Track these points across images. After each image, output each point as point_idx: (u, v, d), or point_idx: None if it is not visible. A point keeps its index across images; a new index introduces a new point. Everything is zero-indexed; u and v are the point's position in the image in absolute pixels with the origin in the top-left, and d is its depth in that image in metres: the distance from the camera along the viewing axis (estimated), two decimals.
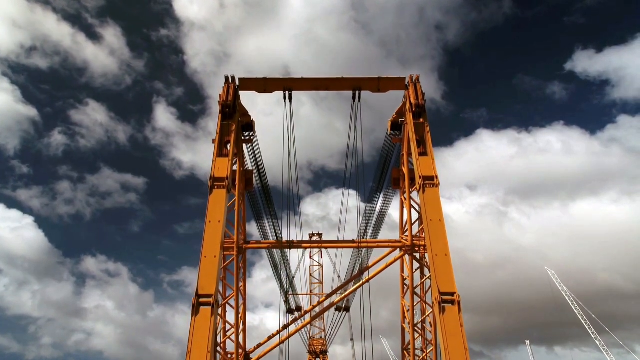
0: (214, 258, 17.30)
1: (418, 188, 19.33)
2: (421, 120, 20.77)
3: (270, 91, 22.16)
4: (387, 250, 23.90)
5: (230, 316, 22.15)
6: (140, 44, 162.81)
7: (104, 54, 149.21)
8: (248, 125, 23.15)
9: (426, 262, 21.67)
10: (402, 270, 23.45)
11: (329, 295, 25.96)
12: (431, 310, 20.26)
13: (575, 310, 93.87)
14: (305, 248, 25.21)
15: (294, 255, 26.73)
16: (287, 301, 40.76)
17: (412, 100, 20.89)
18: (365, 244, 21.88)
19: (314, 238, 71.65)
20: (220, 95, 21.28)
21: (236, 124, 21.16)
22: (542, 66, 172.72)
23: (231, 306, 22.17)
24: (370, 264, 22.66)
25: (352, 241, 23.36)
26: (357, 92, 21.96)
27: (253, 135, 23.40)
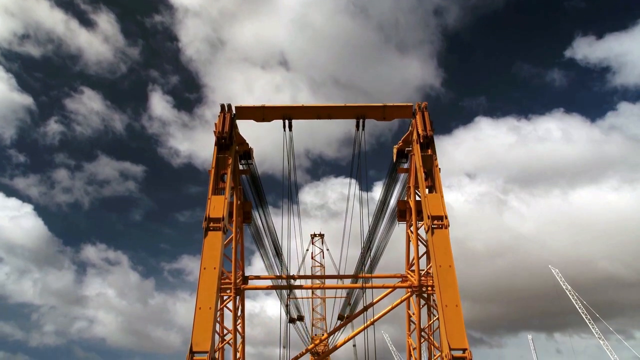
0: (209, 310, 16.22)
1: (426, 229, 18.17)
2: (429, 152, 19.54)
3: (269, 120, 20.89)
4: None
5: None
6: (134, 30, 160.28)
7: (98, 40, 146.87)
8: (246, 153, 21.96)
9: (434, 304, 20.58)
10: (409, 307, 22.39)
11: (331, 333, 24.85)
12: (439, 354, 19.23)
13: (573, 300, 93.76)
14: (306, 289, 24.17)
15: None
16: (287, 312, 39.96)
17: (420, 131, 19.63)
18: (370, 285, 20.77)
19: (316, 239, 71.70)
20: (215, 124, 20.07)
21: (233, 156, 19.96)
22: (542, 53, 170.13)
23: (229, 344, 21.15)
24: (374, 300, 21.55)
25: (355, 276, 22.30)
26: (361, 121, 20.69)
27: (251, 164, 22.21)
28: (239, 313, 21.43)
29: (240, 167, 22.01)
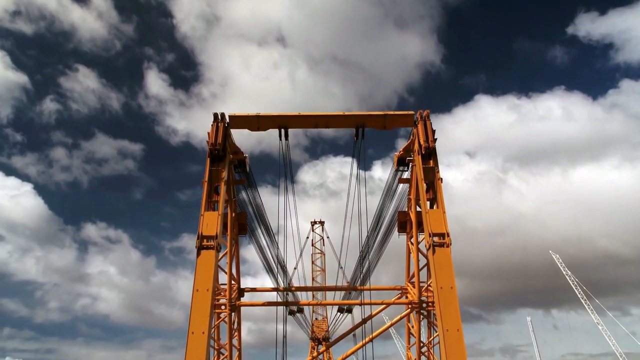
0: (202, 335, 15.72)
1: (427, 246, 17.51)
2: (431, 163, 18.73)
3: (264, 129, 20.02)
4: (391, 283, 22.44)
5: None
6: (128, 6, 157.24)
7: (91, 17, 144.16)
8: (241, 162, 21.16)
9: (435, 319, 20.06)
10: (408, 320, 21.91)
11: (330, 344, 24.37)
12: None
13: (571, 284, 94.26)
14: (304, 305, 23.68)
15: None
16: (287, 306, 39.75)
17: (422, 142, 18.79)
18: (369, 302, 20.20)
19: (316, 226, 71.42)
20: (208, 133, 19.24)
21: (227, 168, 19.18)
22: (544, 30, 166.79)
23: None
24: (373, 313, 21.04)
25: (354, 288, 21.77)
26: (361, 129, 19.81)
27: (247, 172, 21.43)
28: (235, 325, 20.98)
29: (235, 179, 21.23)
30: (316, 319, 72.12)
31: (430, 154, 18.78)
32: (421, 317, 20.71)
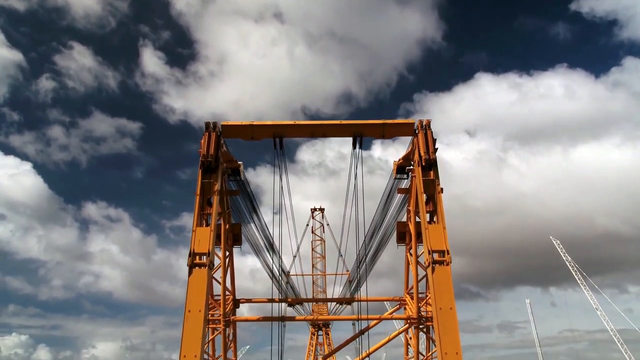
0: (194, 358, 15.30)
1: (426, 263, 16.97)
2: (432, 175, 18.05)
3: (258, 138, 19.27)
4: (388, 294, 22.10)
5: None
6: None
7: None
8: (234, 170, 20.46)
9: (433, 335, 19.67)
10: (407, 332, 21.55)
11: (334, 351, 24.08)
12: None
13: (568, 264, 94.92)
14: (300, 320, 23.26)
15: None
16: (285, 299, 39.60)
17: (422, 153, 18.06)
18: (366, 317, 19.74)
19: (316, 212, 71.20)
20: (201, 143, 18.49)
21: (220, 179, 18.49)
22: (546, 6, 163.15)
23: None
24: (371, 324, 20.66)
25: (351, 299, 21.34)
26: (359, 139, 19.07)
27: (241, 180, 20.75)
28: (231, 337, 20.63)
29: (229, 189, 20.56)
30: (316, 303, 72.63)
31: (430, 166, 18.10)
32: (419, 332, 20.34)
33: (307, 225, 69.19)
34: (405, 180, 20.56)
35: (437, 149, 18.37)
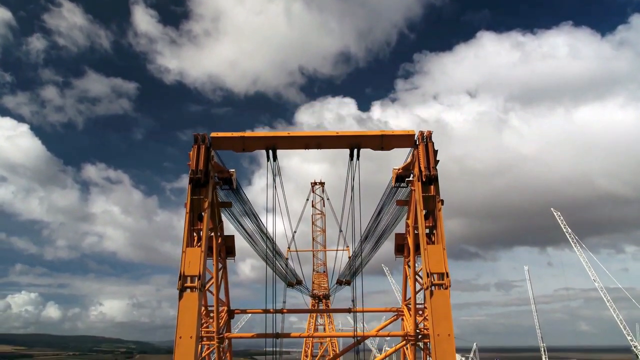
0: None
1: (425, 286, 16.42)
2: (432, 191, 17.23)
3: (250, 150, 18.33)
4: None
5: None
6: None
7: None
8: (227, 179, 19.62)
9: (429, 352, 19.40)
10: (405, 350, 21.27)
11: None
12: None
13: (568, 236, 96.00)
14: (294, 337, 22.96)
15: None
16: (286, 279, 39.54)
17: (422, 167, 17.16)
18: (362, 334, 19.40)
19: (316, 187, 70.86)
20: (189, 154, 17.55)
21: (211, 194, 17.68)
22: None
23: None
24: (367, 334, 20.39)
25: (348, 310, 20.97)
26: (356, 151, 18.11)
27: (233, 189, 19.95)
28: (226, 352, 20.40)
29: (221, 201, 19.78)
30: (317, 271, 73.48)
31: (431, 181, 17.25)
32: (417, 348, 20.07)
33: (307, 200, 69.14)
34: (404, 190, 19.75)
35: (438, 161, 17.48)
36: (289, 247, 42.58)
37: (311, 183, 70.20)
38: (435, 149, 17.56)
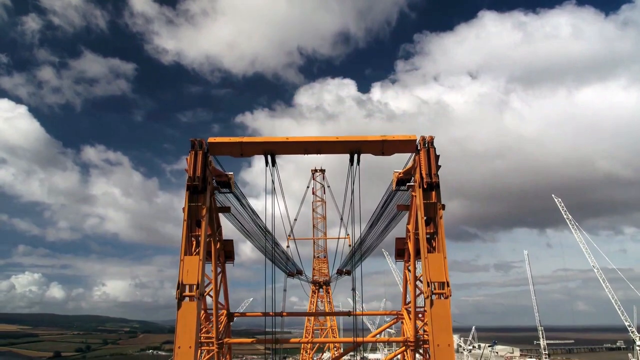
0: None
1: (425, 295, 16.29)
2: (433, 198, 16.96)
3: (248, 155, 18.01)
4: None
5: None
6: None
7: None
8: (225, 183, 19.32)
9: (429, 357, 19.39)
10: (405, 355, 21.26)
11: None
12: None
13: (569, 222, 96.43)
14: (294, 343, 22.89)
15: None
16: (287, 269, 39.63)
17: (423, 174, 16.86)
18: (361, 339, 19.34)
19: (317, 174, 70.68)
20: (186, 159, 17.23)
21: (209, 200, 17.42)
22: None
23: None
24: (367, 339, 20.38)
25: (348, 314, 20.92)
26: (356, 156, 17.77)
27: (230, 192, 19.67)
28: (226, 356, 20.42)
29: (219, 206, 19.53)
30: (317, 257, 73.93)
31: (432, 187, 16.97)
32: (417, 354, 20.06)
33: (308, 187, 69.13)
34: (405, 193, 19.48)
35: (439, 166, 17.16)
36: (289, 236, 42.63)
37: (312, 170, 69.97)
38: (437, 154, 17.25)
